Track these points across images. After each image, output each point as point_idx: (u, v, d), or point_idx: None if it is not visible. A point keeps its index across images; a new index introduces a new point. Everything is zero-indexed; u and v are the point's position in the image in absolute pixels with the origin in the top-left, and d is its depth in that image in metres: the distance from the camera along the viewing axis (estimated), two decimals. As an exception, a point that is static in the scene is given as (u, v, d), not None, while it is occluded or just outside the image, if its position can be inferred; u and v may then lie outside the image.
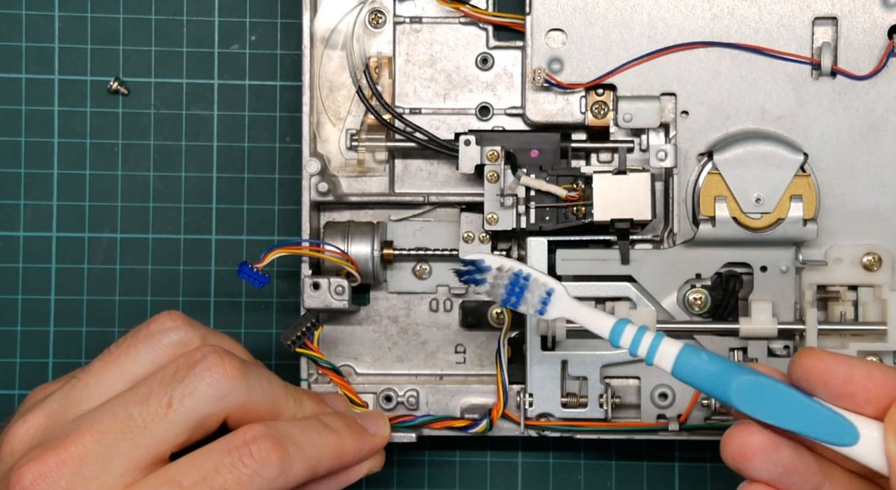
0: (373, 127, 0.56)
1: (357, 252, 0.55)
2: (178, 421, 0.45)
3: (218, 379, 0.46)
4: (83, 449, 0.44)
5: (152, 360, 0.47)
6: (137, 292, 0.59)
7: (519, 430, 0.55)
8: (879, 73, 0.54)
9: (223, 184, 0.59)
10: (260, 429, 0.46)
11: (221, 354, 0.46)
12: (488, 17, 0.56)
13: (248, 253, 0.59)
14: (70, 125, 0.59)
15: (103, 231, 0.59)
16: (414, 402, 0.56)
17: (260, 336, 0.58)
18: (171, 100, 0.59)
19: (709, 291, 0.55)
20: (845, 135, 0.54)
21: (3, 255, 0.59)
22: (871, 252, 0.54)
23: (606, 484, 0.59)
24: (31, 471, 0.44)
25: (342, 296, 0.54)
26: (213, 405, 0.46)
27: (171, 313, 0.48)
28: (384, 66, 0.57)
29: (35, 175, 0.59)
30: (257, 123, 0.59)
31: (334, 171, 0.57)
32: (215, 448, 0.45)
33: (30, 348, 0.59)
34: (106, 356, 0.48)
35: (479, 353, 0.57)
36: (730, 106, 0.55)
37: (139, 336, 0.48)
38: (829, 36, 0.54)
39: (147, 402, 0.45)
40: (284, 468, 0.46)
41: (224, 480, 0.45)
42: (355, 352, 0.57)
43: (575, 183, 0.54)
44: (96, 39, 0.59)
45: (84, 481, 0.44)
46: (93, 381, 0.47)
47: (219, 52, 0.59)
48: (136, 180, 0.59)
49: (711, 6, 0.54)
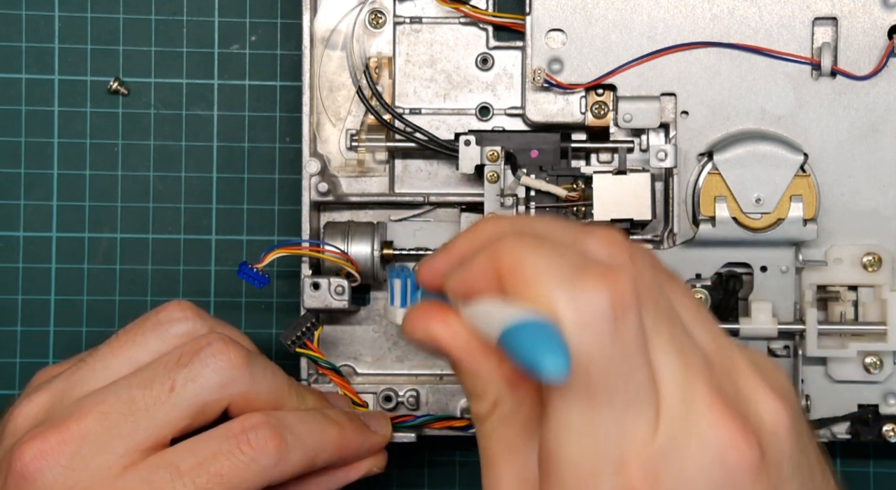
0: (373, 127, 0.56)
1: (357, 252, 0.55)
2: (180, 405, 0.45)
3: (222, 366, 0.46)
4: (85, 429, 0.45)
5: (159, 348, 0.48)
6: (137, 292, 0.59)
7: (519, 430, 0.55)
8: (879, 74, 0.54)
9: (223, 184, 0.59)
10: (259, 417, 0.46)
11: (227, 342, 0.46)
12: (488, 18, 0.56)
13: (248, 253, 0.59)
14: (70, 125, 0.59)
15: (103, 231, 0.59)
16: (414, 402, 0.56)
17: (260, 336, 0.58)
18: (171, 100, 0.59)
19: (709, 291, 0.55)
20: (845, 135, 0.54)
21: (3, 255, 0.59)
22: (871, 252, 0.54)
23: (606, 484, 0.59)
24: (32, 448, 0.45)
25: (342, 296, 0.54)
26: (216, 392, 0.46)
27: (180, 303, 0.49)
28: (384, 66, 0.57)
29: (35, 175, 0.59)
30: (257, 123, 0.59)
31: (334, 171, 0.57)
32: (214, 434, 0.46)
33: (30, 348, 0.59)
34: (113, 341, 0.48)
35: (479, 354, 0.57)
36: (730, 106, 0.55)
37: (147, 324, 0.48)
38: (829, 36, 0.54)
39: (150, 386, 0.46)
40: (282, 457, 0.46)
41: (221, 466, 0.45)
42: (355, 352, 0.57)
43: (575, 183, 0.54)
44: (96, 39, 0.59)
45: (84, 461, 0.44)
46: (99, 366, 0.47)
47: (219, 52, 0.59)
48: (136, 180, 0.59)
49: (711, 6, 0.54)
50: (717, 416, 0.36)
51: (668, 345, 0.36)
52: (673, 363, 0.36)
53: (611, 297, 0.34)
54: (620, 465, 0.35)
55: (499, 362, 0.37)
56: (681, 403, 0.36)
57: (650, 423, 0.35)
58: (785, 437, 0.37)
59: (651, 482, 0.35)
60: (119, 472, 0.45)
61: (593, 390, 0.34)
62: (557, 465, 0.35)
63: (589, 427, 0.35)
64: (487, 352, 0.37)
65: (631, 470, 0.35)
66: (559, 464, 0.35)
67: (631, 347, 0.35)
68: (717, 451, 0.35)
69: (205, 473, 0.45)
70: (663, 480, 0.35)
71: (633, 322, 0.35)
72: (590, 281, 0.34)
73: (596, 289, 0.34)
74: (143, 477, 0.45)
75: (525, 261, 0.35)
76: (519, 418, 0.37)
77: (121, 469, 0.45)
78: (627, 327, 0.34)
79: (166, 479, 0.44)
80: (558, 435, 0.35)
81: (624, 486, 0.35)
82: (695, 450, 0.35)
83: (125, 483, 0.45)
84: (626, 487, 0.35)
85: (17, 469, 0.44)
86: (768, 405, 0.37)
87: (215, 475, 0.45)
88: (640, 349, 0.35)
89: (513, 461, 0.37)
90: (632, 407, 0.35)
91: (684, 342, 0.37)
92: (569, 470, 0.35)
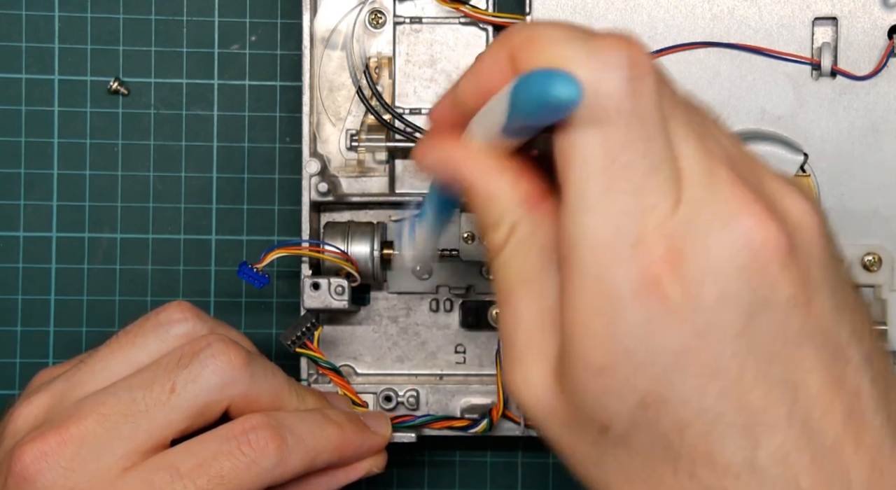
0: (373, 127, 0.56)
1: (357, 252, 0.55)
2: (180, 407, 0.45)
3: (222, 367, 0.46)
4: (85, 430, 0.45)
5: (159, 350, 0.48)
6: (137, 292, 0.59)
7: (519, 430, 0.55)
8: (879, 74, 0.54)
9: (223, 184, 0.59)
10: (260, 418, 0.46)
11: (227, 343, 0.46)
12: (488, 18, 0.56)
13: (248, 253, 0.59)
14: (70, 125, 0.59)
15: (103, 231, 0.59)
16: (414, 402, 0.56)
17: (260, 336, 0.58)
18: (171, 100, 0.59)
19: (709, 291, 0.55)
20: (845, 135, 0.54)
21: (3, 255, 0.59)
22: (871, 252, 0.54)
23: (606, 484, 0.59)
24: (32, 450, 0.45)
25: (342, 296, 0.54)
26: (216, 393, 0.46)
27: (180, 304, 0.49)
28: (384, 66, 0.57)
29: (35, 175, 0.59)
30: (257, 123, 0.59)
31: (334, 171, 0.57)
32: (214, 435, 0.46)
33: (30, 348, 0.59)
34: (113, 343, 0.48)
35: (479, 353, 0.57)
36: (730, 106, 0.54)
37: (147, 326, 0.48)
38: (829, 36, 0.54)
39: (150, 387, 0.46)
40: (282, 458, 0.46)
41: (221, 467, 0.45)
42: (355, 352, 0.57)
43: (575, 183, 0.54)
44: (96, 39, 0.59)
45: (84, 462, 0.44)
46: (98, 367, 0.47)
47: (219, 52, 0.59)
48: (136, 180, 0.59)
49: (711, 6, 0.54)
50: (741, 197, 0.34)
51: (687, 130, 0.34)
52: (693, 147, 0.34)
53: (629, 56, 0.33)
54: (640, 242, 0.33)
55: (514, 181, 0.36)
56: (703, 182, 0.34)
57: (671, 197, 0.33)
58: (813, 236, 0.35)
59: (673, 261, 0.33)
60: (119, 474, 0.45)
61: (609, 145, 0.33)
62: (576, 246, 0.34)
63: (606, 197, 0.33)
64: (503, 169, 0.36)
65: (651, 246, 0.33)
66: (578, 245, 0.34)
67: (648, 110, 0.33)
68: (743, 232, 0.33)
69: (205, 475, 0.45)
70: (686, 261, 0.33)
71: (650, 86, 0.33)
72: (608, 41, 0.33)
73: (614, 47, 0.33)
74: (143, 478, 0.45)
75: (539, 32, 0.34)
76: (535, 245, 0.36)
77: (121, 470, 0.45)
78: (645, 89, 0.33)
79: (166, 480, 0.45)
80: (575, 211, 0.34)
81: (644, 264, 0.33)
82: (719, 230, 0.33)
83: (125, 484, 0.45)
84: (647, 266, 0.33)
85: (17, 470, 0.44)
86: (797, 204, 0.35)
87: (216, 476, 0.45)
88: (657, 117, 0.33)
89: (531, 292, 0.36)
90: (650, 177, 0.33)
91: (705, 132, 0.35)
92: (588, 250, 0.34)
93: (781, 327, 0.34)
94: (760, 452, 0.34)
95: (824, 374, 0.35)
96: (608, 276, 0.33)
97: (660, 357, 0.34)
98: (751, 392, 0.34)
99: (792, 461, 0.34)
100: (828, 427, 0.35)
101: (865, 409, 0.35)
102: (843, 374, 0.35)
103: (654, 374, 0.34)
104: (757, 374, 0.34)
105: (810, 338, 0.35)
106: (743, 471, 0.34)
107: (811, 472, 0.34)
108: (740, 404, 0.34)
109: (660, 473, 0.35)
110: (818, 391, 0.35)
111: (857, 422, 0.35)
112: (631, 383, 0.34)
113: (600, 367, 0.34)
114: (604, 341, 0.34)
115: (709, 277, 0.33)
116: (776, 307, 0.34)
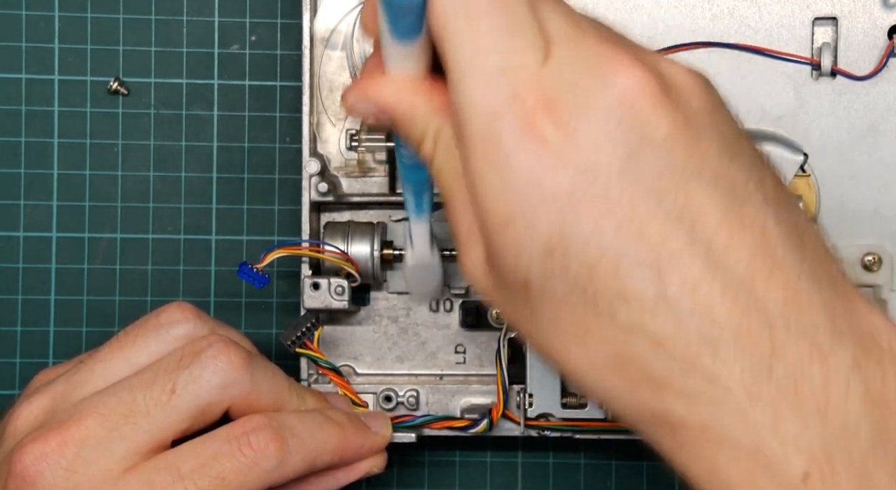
0: (373, 127, 0.56)
1: (357, 252, 0.55)
2: (180, 407, 0.45)
3: (223, 367, 0.46)
4: (85, 431, 0.45)
5: (159, 350, 0.48)
6: (137, 292, 0.59)
7: (519, 430, 0.55)
8: (879, 74, 0.54)
9: (223, 184, 0.59)
10: (260, 419, 0.46)
11: (227, 343, 0.47)
12: (488, 17, 0.56)
13: (248, 253, 0.59)
14: (70, 125, 0.59)
15: (103, 231, 0.59)
16: (414, 402, 0.56)
17: (260, 336, 0.58)
18: (171, 100, 0.59)
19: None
20: (845, 135, 0.54)
21: (3, 255, 0.59)
22: (871, 252, 0.54)
23: (606, 484, 0.59)
24: (32, 451, 0.45)
25: (342, 296, 0.54)
26: (217, 393, 0.46)
27: (180, 305, 0.49)
28: (384, 66, 0.57)
29: (35, 175, 0.59)
30: (257, 123, 0.59)
31: (334, 171, 0.57)
32: (215, 436, 0.46)
33: (30, 348, 0.59)
34: (114, 343, 0.48)
35: (479, 353, 0.57)
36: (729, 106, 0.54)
37: (147, 326, 0.48)
38: (829, 36, 0.54)
39: (151, 388, 0.46)
40: (283, 459, 0.46)
41: (222, 468, 0.45)
42: (355, 352, 0.57)
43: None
44: (96, 39, 0.59)
45: (85, 463, 0.45)
46: (99, 367, 0.47)
47: (219, 52, 0.59)
48: (136, 180, 0.59)
49: (711, 6, 0.54)
50: (609, 51, 0.36)
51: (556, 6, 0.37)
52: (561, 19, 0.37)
53: None
54: (514, 95, 0.36)
55: (428, 95, 0.39)
56: (569, 43, 0.36)
57: (538, 55, 0.36)
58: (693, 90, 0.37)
59: (547, 107, 0.35)
60: (120, 475, 0.45)
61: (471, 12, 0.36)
62: (461, 112, 0.36)
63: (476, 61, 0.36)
64: (416, 88, 0.39)
65: (525, 97, 0.36)
66: (463, 110, 0.36)
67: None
68: (609, 76, 0.36)
69: (206, 475, 0.45)
70: (559, 106, 0.35)
71: None
72: None
73: None
74: (144, 479, 0.45)
75: None
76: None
77: (122, 471, 0.45)
78: None
79: (167, 481, 0.45)
80: (454, 82, 0.36)
81: (521, 113, 0.35)
82: (588, 77, 0.36)
83: (126, 485, 0.45)
84: (524, 114, 0.35)
85: (18, 471, 0.44)
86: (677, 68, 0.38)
87: (216, 477, 0.45)
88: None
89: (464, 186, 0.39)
90: (515, 38, 0.36)
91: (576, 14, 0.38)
92: (471, 112, 0.36)
93: (665, 164, 0.35)
94: (669, 286, 0.35)
95: (719, 209, 0.35)
96: (491, 131, 0.36)
97: (552, 199, 0.35)
98: (647, 226, 0.35)
99: (702, 293, 0.35)
100: (734, 261, 0.35)
101: (775, 247, 0.36)
102: (741, 213, 0.36)
103: (550, 217, 0.35)
104: (649, 209, 0.35)
105: (698, 175, 0.36)
106: (657, 305, 0.35)
107: (725, 304, 0.35)
108: (639, 239, 0.35)
109: (585, 320, 0.36)
110: (716, 226, 0.35)
111: (766, 258, 0.35)
112: (533, 229, 0.36)
113: (504, 219, 0.36)
114: (500, 192, 0.36)
115: (582, 119, 0.35)
116: (655, 145, 0.35)
